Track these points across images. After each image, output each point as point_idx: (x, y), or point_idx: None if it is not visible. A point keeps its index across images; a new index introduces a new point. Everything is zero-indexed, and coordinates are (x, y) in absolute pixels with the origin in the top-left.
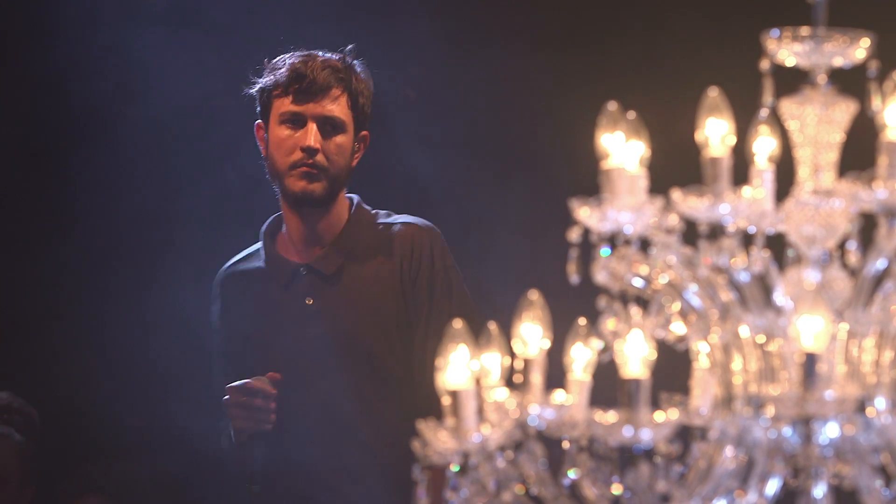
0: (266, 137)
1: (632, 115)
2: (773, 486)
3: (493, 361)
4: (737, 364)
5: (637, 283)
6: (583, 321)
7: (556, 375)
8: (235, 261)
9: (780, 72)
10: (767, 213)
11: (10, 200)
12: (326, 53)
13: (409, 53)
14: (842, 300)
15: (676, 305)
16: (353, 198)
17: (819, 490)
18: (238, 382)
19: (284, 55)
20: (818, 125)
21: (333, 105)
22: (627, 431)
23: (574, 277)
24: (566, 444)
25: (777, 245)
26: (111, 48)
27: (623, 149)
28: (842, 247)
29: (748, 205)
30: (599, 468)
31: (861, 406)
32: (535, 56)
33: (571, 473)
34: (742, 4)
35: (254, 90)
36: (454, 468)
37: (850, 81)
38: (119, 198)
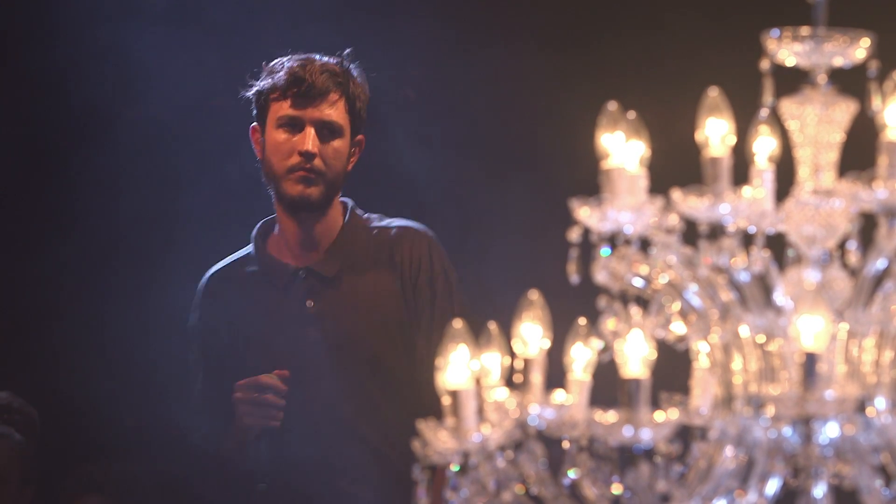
0: (262, 141)
1: (632, 115)
2: (773, 486)
3: (493, 361)
4: (737, 364)
5: (637, 283)
6: (583, 321)
7: (556, 375)
8: (223, 266)
9: (780, 72)
10: (767, 213)
11: (10, 200)
12: (324, 57)
13: (409, 53)
14: (842, 300)
15: (676, 305)
16: (347, 202)
17: (819, 490)
18: (248, 379)
19: (282, 58)
20: (818, 125)
21: (331, 109)
22: (627, 431)
23: (574, 277)
24: (566, 444)
25: (777, 245)
26: (111, 48)
27: (623, 149)
28: (842, 247)
29: (748, 205)
30: (599, 468)
31: (861, 406)
32: (535, 56)
33: (571, 473)
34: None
35: (250, 93)
36: (454, 468)
37: (850, 81)
38: (119, 198)
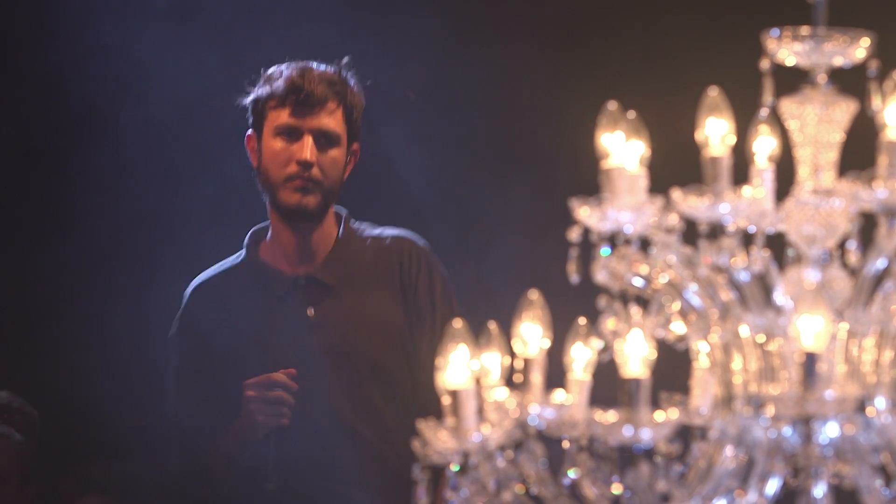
0: (259, 149)
1: (632, 115)
2: (773, 486)
3: (493, 361)
4: (737, 364)
5: (637, 283)
6: (583, 321)
7: (556, 375)
8: (212, 275)
9: (780, 71)
10: (767, 213)
11: (10, 200)
12: (321, 65)
13: (409, 53)
14: (842, 300)
15: (676, 305)
16: (342, 211)
17: (819, 490)
18: (259, 377)
19: (280, 66)
20: (818, 125)
21: (329, 118)
22: (627, 431)
23: (574, 277)
24: (566, 444)
25: (777, 245)
26: (111, 48)
27: (623, 148)
28: (842, 246)
29: (748, 204)
30: (599, 468)
31: (861, 406)
32: (535, 56)
33: (571, 473)
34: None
35: (247, 101)
36: (454, 468)
37: (850, 81)
38: (119, 197)
